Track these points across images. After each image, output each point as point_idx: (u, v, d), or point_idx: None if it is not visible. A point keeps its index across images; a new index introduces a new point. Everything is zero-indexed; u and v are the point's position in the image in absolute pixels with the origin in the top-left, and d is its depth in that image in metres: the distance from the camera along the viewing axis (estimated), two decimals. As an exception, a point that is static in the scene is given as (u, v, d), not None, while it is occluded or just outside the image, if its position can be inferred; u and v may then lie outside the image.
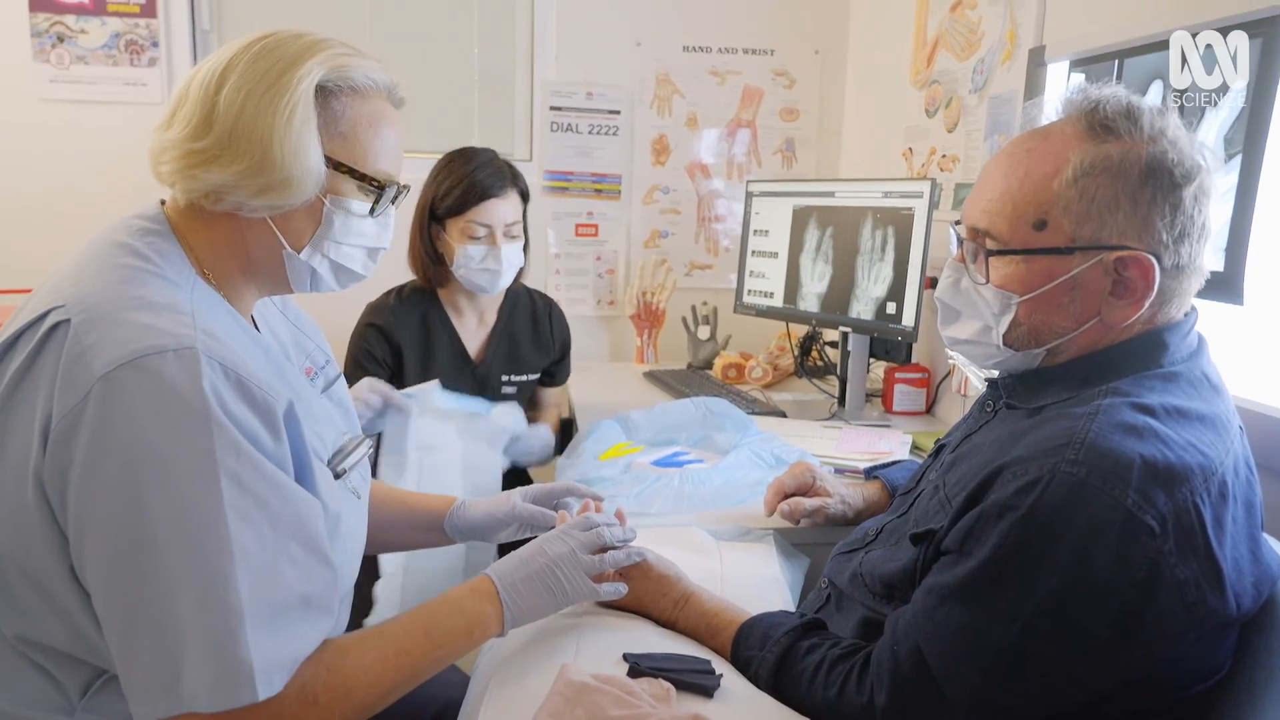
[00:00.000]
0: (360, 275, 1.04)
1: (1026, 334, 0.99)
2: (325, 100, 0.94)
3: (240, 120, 0.90)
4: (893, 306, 2.07)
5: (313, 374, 1.11)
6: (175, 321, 0.85)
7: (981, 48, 2.12)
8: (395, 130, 1.00)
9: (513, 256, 1.95)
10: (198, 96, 0.91)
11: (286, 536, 0.85)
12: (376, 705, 0.92)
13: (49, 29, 2.54)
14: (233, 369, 0.84)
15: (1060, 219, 0.94)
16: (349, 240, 1.00)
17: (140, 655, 0.80)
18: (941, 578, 0.91)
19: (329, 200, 0.96)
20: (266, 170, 0.90)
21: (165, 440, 0.80)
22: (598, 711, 0.86)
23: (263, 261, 0.98)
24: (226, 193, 0.91)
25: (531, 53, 2.81)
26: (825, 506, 1.41)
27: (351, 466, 1.04)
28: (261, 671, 0.81)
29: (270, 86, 0.90)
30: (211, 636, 0.79)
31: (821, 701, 0.96)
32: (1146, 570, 0.81)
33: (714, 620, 1.09)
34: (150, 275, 0.90)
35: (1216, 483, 0.86)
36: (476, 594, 1.01)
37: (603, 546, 1.09)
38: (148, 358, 0.81)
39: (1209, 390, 0.95)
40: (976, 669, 0.86)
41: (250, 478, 0.83)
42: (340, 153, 0.95)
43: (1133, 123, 0.93)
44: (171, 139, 0.92)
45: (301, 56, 0.92)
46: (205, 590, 0.79)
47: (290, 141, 0.90)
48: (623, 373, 2.71)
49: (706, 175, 2.94)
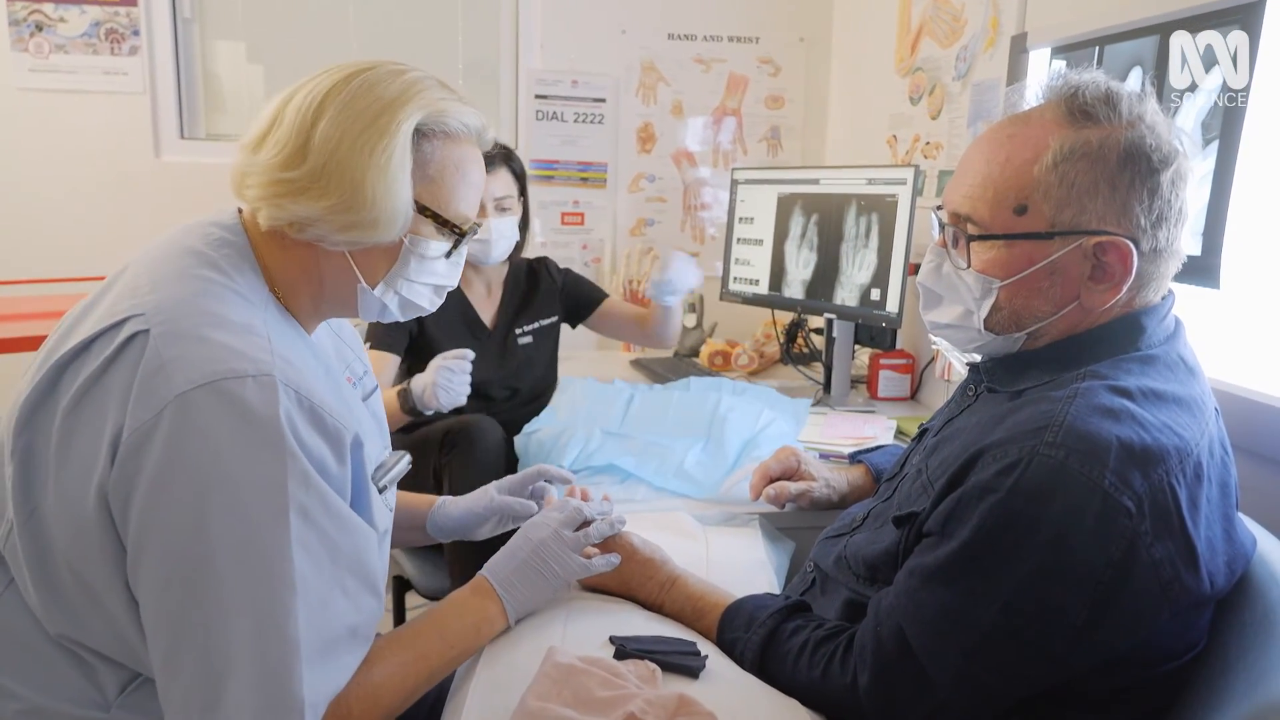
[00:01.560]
0: (426, 310, 1.04)
1: (1007, 318, 1.00)
2: (418, 143, 0.93)
3: (335, 156, 0.89)
4: (877, 293, 2.08)
5: (352, 384, 1.11)
6: (255, 345, 0.85)
7: (964, 35, 2.13)
8: (480, 173, 1.00)
9: (504, 229, 1.97)
10: (293, 124, 0.90)
11: (343, 569, 0.86)
12: (400, 708, 0.94)
13: (27, 17, 2.52)
14: (307, 397, 0.84)
15: (1040, 204, 0.95)
16: (421, 279, 1.00)
17: (183, 672, 0.80)
18: (923, 559, 0.93)
19: (409, 240, 0.96)
20: (356, 209, 0.90)
21: (238, 466, 0.79)
22: (584, 693, 0.87)
23: (335, 292, 0.98)
24: (310, 225, 0.91)
25: (516, 41, 2.81)
26: (810, 490, 1.42)
27: (392, 481, 1.05)
28: (310, 705, 0.81)
29: (368, 127, 0.89)
30: (265, 667, 0.79)
31: (806, 682, 0.97)
32: (1123, 550, 0.83)
33: (700, 603, 1.10)
34: (228, 291, 0.90)
35: (1191, 464, 0.87)
36: (478, 593, 1.03)
37: (583, 521, 1.11)
38: (228, 381, 0.80)
39: (1185, 373, 0.96)
40: (958, 649, 0.87)
41: (317, 510, 0.83)
42: (425, 196, 0.95)
43: (1111, 108, 0.94)
44: (261, 163, 0.90)
45: (401, 98, 0.91)
46: (264, 620, 0.79)
47: (385, 184, 0.90)
48: (609, 361, 2.72)
49: (692, 163, 2.94)
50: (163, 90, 2.63)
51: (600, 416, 1.90)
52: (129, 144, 2.61)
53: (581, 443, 1.70)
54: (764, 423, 1.80)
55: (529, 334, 2.15)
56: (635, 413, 1.92)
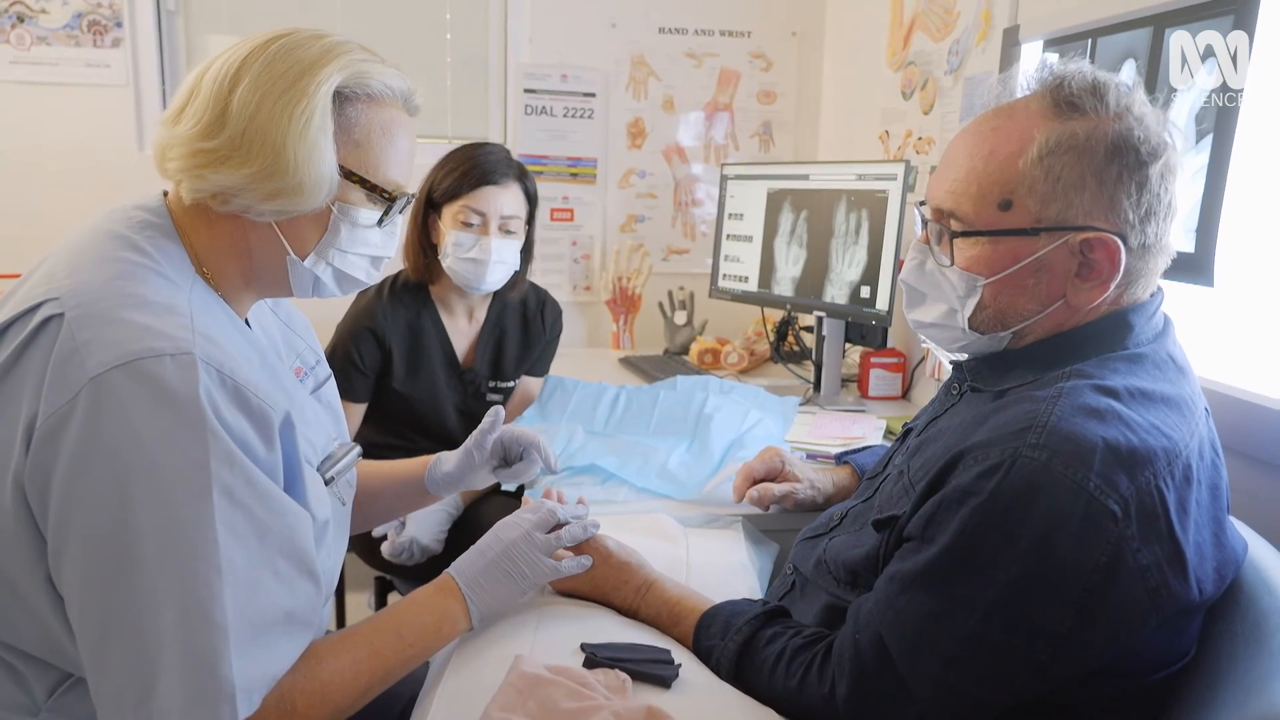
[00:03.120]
0: (362, 283, 1.02)
1: (992, 317, 0.97)
2: (340, 107, 0.91)
3: (255, 122, 0.87)
4: (867, 290, 2.05)
5: (302, 374, 1.09)
6: (174, 324, 0.82)
7: (957, 28, 2.10)
8: (409, 139, 0.98)
9: (504, 252, 1.87)
10: (210, 93, 0.88)
11: (274, 551, 0.84)
12: (352, 708, 0.91)
13: (9, 8, 2.48)
14: (230, 376, 0.82)
15: (1025, 199, 0.92)
16: (354, 249, 0.97)
17: (113, 666, 0.78)
18: (903, 565, 0.90)
19: (337, 208, 0.94)
20: (278, 175, 0.87)
21: (158, 448, 0.77)
22: (549, 704, 0.84)
23: (265, 266, 0.95)
24: (234, 195, 0.89)
25: (505, 35, 2.77)
26: (794, 492, 1.39)
27: (340, 474, 1.03)
28: (242, 690, 0.79)
29: (287, 90, 0.87)
30: (192, 653, 0.77)
31: (783, 691, 0.95)
32: (1108, 555, 0.80)
33: (676, 609, 1.07)
34: (149, 272, 0.87)
35: (1180, 465, 0.85)
36: (441, 592, 1.01)
37: (556, 523, 1.08)
38: (144, 361, 0.78)
39: (1174, 372, 0.93)
40: (938, 657, 0.85)
41: (242, 490, 0.81)
42: (352, 161, 0.93)
43: (1099, 99, 0.91)
44: (180, 135, 0.88)
45: (320, 60, 0.89)
46: (189, 605, 0.77)
47: (305, 148, 0.88)
48: (599, 359, 2.69)
49: (684, 159, 2.91)
50: (146, 83, 2.59)
51: (585, 416, 1.87)
52: (112, 137, 2.57)
53: (563, 442, 1.67)
54: (750, 423, 1.77)
55: (500, 392, 2.03)
56: (620, 412, 1.89)
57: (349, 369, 1.86)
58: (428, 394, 1.93)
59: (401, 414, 1.94)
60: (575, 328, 2.90)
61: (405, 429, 1.96)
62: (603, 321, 2.91)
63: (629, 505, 1.50)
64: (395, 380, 1.89)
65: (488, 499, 1.85)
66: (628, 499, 1.53)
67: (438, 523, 1.74)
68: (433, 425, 1.95)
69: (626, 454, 1.65)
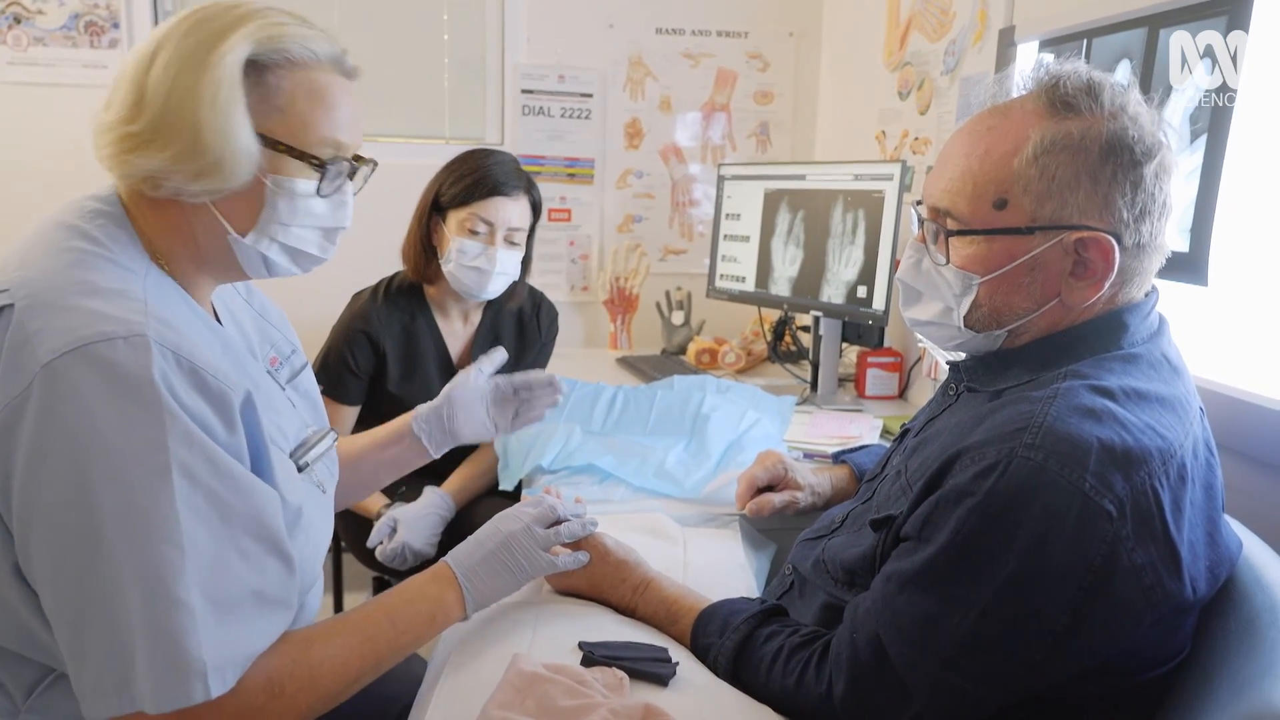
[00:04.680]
0: (318, 258, 0.99)
1: (987, 315, 0.97)
2: (260, 75, 0.89)
3: (169, 101, 0.85)
4: (864, 290, 2.06)
5: (278, 364, 1.09)
6: (126, 308, 0.81)
7: (953, 29, 2.10)
8: (346, 102, 0.94)
9: (507, 263, 1.86)
10: (130, 76, 0.87)
11: (238, 530, 0.83)
12: (343, 694, 0.91)
13: (5, 9, 2.48)
14: (186, 357, 0.81)
15: (1020, 198, 0.92)
16: (298, 222, 0.94)
17: (91, 653, 0.78)
18: (900, 565, 0.90)
19: (270, 181, 0.91)
20: (199, 154, 0.85)
21: (114, 430, 0.76)
22: (547, 702, 0.84)
23: (211, 248, 0.93)
24: (163, 178, 0.87)
25: (502, 35, 2.77)
26: (796, 501, 1.39)
27: (315, 459, 1.02)
28: (214, 668, 0.78)
29: (195, 66, 0.85)
30: (159, 632, 0.77)
31: (780, 690, 0.95)
32: (1103, 555, 0.80)
33: (673, 607, 1.08)
34: (101, 260, 0.86)
35: (1175, 465, 0.85)
36: (437, 580, 1.00)
37: (556, 520, 1.08)
38: (96, 345, 0.77)
39: (1169, 372, 0.94)
40: (935, 656, 0.85)
41: (202, 470, 0.80)
42: (279, 130, 0.90)
43: (1093, 99, 0.91)
44: (107, 122, 0.88)
45: (228, 30, 0.87)
46: (154, 585, 0.77)
47: (218, 122, 0.85)
48: (596, 359, 2.69)
49: (681, 159, 2.91)
50: (143, 84, 2.60)
51: (582, 416, 1.87)
52: (109, 138, 2.58)
53: (561, 442, 1.68)
54: (748, 424, 1.77)
55: None
56: (618, 412, 1.89)
57: (343, 371, 1.86)
58: (422, 397, 1.91)
59: (395, 416, 1.93)
60: (572, 328, 2.91)
61: None
62: (600, 321, 2.92)
63: (626, 504, 1.51)
64: (389, 383, 1.89)
65: (482, 501, 1.85)
66: (625, 498, 1.53)
67: (429, 527, 1.73)
68: None
69: (624, 453, 1.65)
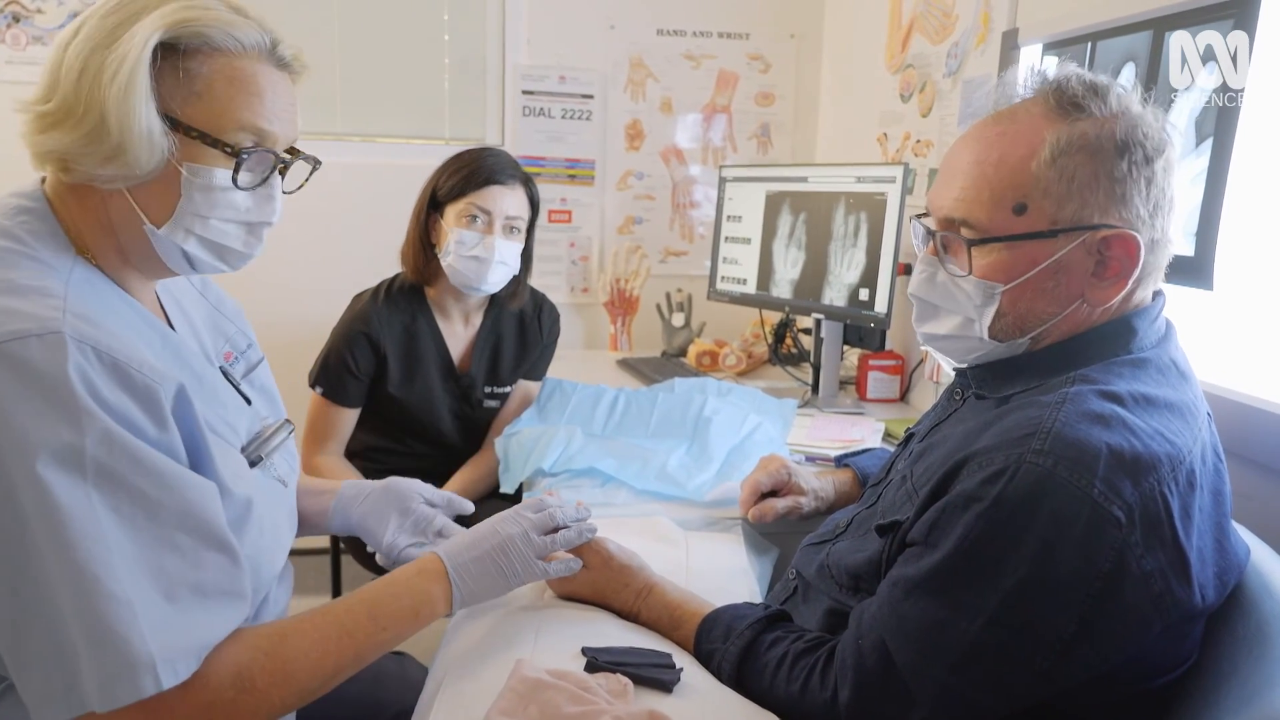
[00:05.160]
0: (246, 254, 0.96)
1: (1011, 323, 0.96)
2: (178, 59, 0.86)
3: (80, 80, 0.83)
4: (865, 293, 2.05)
5: (233, 358, 1.07)
6: (42, 305, 0.80)
7: (955, 31, 2.10)
8: (275, 92, 0.91)
9: (506, 253, 1.85)
10: (52, 56, 0.86)
11: (169, 527, 0.81)
12: (319, 689, 0.89)
13: (4, 8, 2.48)
14: (108, 353, 0.80)
15: (1041, 201, 0.91)
16: (216, 215, 0.91)
17: (33, 659, 0.76)
18: (907, 570, 0.90)
19: (186, 169, 0.88)
20: (105, 136, 0.83)
21: (31, 431, 0.75)
22: (551, 709, 0.83)
23: (130, 239, 0.91)
24: (72, 161, 0.85)
25: (503, 36, 2.77)
26: (799, 506, 1.38)
27: (271, 451, 1.01)
28: (164, 660, 0.77)
29: (105, 47, 0.83)
30: (99, 630, 0.75)
31: (785, 696, 0.94)
32: (1112, 562, 0.80)
33: (677, 612, 1.07)
34: (20, 257, 0.85)
35: (1184, 471, 0.84)
36: (424, 574, 0.99)
37: (554, 527, 1.07)
38: (9, 344, 0.76)
39: (1177, 377, 0.93)
40: (941, 663, 0.84)
41: (125, 468, 0.78)
42: (196, 116, 0.87)
43: (1100, 99, 0.91)
44: (25, 101, 0.86)
45: (145, 10, 0.85)
46: (86, 584, 0.75)
47: (120, 104, 0.83)
48: (597, 360, 2.69)
49: (682, 160, 2.91)
50: (142, 83, 2.59)
51: (583, 419, 1.86)
52: (108, 138, 2.57)
53: (562, 445, 1.67)
54: (749, 428, 1.76)
55: (497, 398, 2.02)
56: (619, 415, 1.88)
57: (343, 373, 1.85)
58: (423, 399, 1.93)
59: (396, 418, 1.93)
60: (573, 329, 2.90)
61: (400, 433, 1.95)
62: (600, 323, 2.91)
63: (628, 508, 1.50)
64: (390, 384, 1.89)
65: (483, 504, 1.83)
66: (627, 501, 1.52)
67: None
68: (428, 430, 1.95)
69: (625, 456, 1.65)
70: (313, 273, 2.62)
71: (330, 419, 1.87)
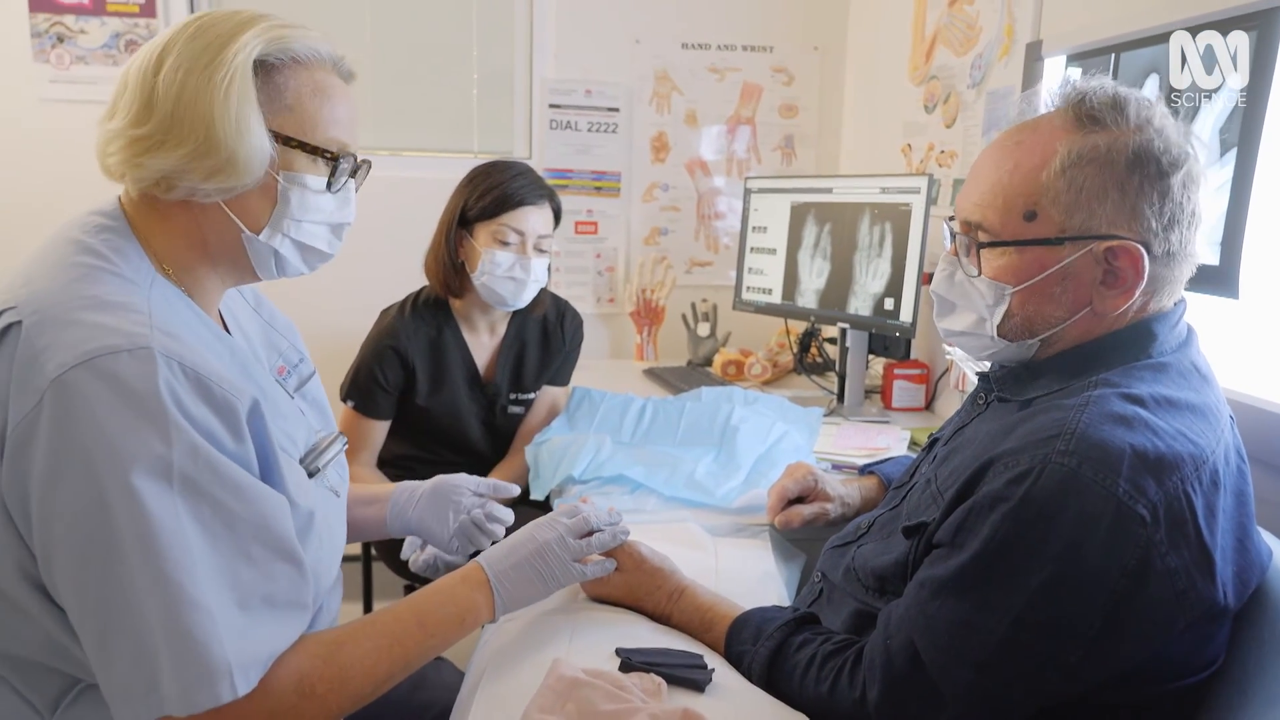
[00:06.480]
0: (326, 254, 1.02)
1: (1020, 325, 0.99)
2: (268, 75, 0.92)
3: (180, 101, 0.88)
4: (890, 302, 2.07)
5: (285, 372, 1.11)
6: (130, 320, 0.83)
7: (979, 43, 2.12)
8: (346, 103, 0.98)
9: (539, 270, 1.90)
10: (136, 81, 0.89)
11: (245, 537, 0.85)
12: (372, 694, 0.92)
13: (49, 29, 2.55)
14: (191, 367, 0.83)
15: (1049, 209, 0.94)
16: (308, 217, 0.97)
17: (118, 661, 0.79)
18: (934, 571, 0.91)
19: (283, 177, 0.94)
20: (213, 151, 0.88)
21: (123, 442, 0.78)
22: (588, 706, 0.86)
23: (222, 249, 0.95)
24: (177, 179, 0.89)
25: (530, 51, 2.81)
26: (826, 512, 1.39)
27: (326, 464, 1.04)
28: (239, 667, 0.80)
29: (207, 64, 0.88)
30: (182, 637, 0.78)
31: (814, 696, 0.96)
32: (1137, 559, 0.82)
33: (708, 615, 1.09)
34: (105, 273, 0.88)
35: (1208, 471, 0.86)
36: (467, 582, 1.02)
37: (589, 530, 1.10)
38: (102, 358, 0.79)
39: (1198, 380, 0.95)
40: (970, 662, 0.86)
41: (208, 480, 0.82)
42: (288, 126, 0.93)
43: (1119, 112, 0.94)
44: (115, 129, 0.89)
45: (237, 31, 0.90)
46: (171, 591, 0.78)
47: (231, 119, 0.88)
48: (623, 370, 2.71)
49: (706, 172, 2.94)
50: (180, 101, 2.65)
51: (612, 427, 1.89)
52: (147, 154, 2.63)
53: (592, 452, 1.70)
54: (776, 436, 1.78)
55: (521, 404, 2.06)
56: (647, 423, 1.91)
57: (373, 387, 1.89)
58: (450, 408, 1.97)
59: (425, 428, 1.97)
60: (599, 339, 2.93)
61: (429, 442, 2.00)
62: (626, 333, 2.94)
63: (657, 515, 1.52)
64: (419, 396, 1.93)
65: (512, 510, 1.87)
66: (656, 508, 1.54)
67: None
68: (456, 438, 1.99)
69: (654, 464, 1.67)
70: (343, 287, 2.66)
71: (361, 431, 1.91)
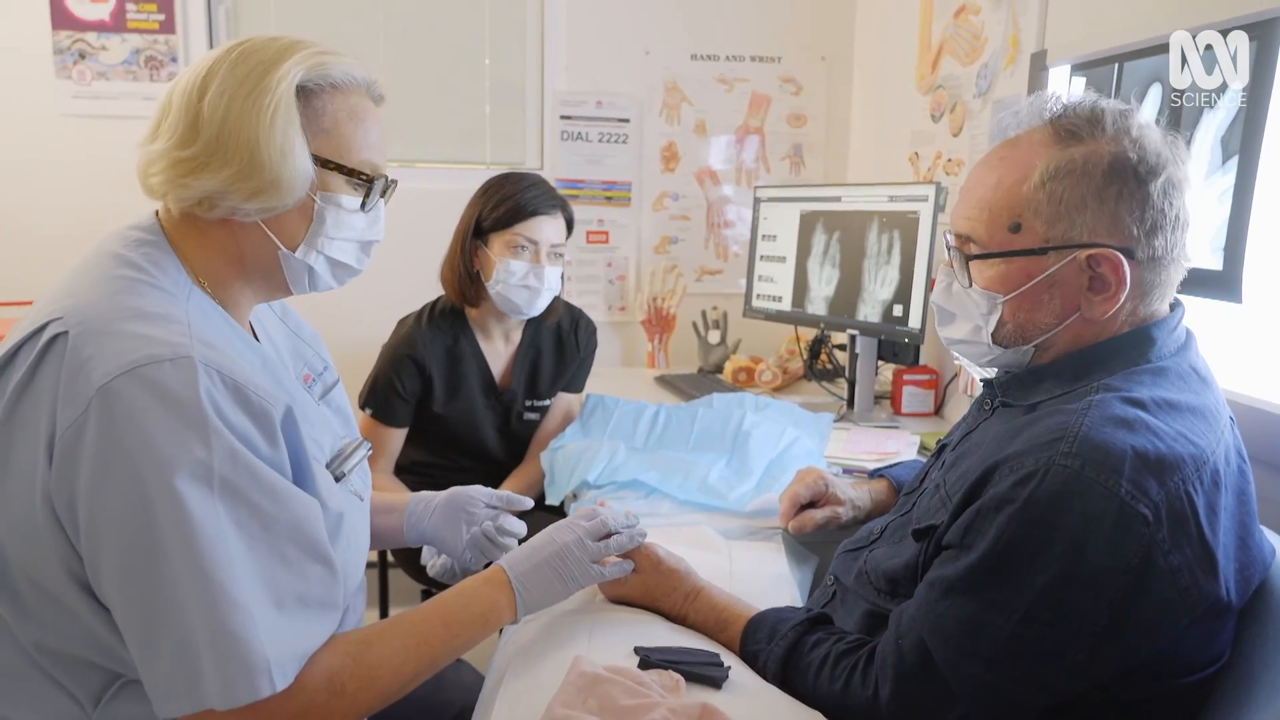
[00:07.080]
0: (356, 270, 1.06)
1: (1013, 332, 1.03)
2: (308, 100, 0.96)
3: (225, 125, 0.91)
4: (899, 309, 2.09)
5: (310, 380, 1.14)
6: (172, 331, 0.86)
7: (985, 53, 2.14)
8: (378, 126, 1.02)
9: (553, 279, 1.94)
10: (181, 105, 0.93)
11: (282, 539, 0.88)
12: (399, 692, 0.95)
13: (70, 46, 2.60)
14: (230, 376, 0.86)
15: (1032, 221, 0.99)
16: (341, 235, 1.01)
17: (161, 657, 0.82)
18: (943, 571, 0.94)
19: (320, 197, 0.98)
20: (256, 173, 0.92)
21: (166, 448, 0.81)
22: (609, 701, 0.89)
23: (258, 265, 0.99)
24: (219, 199, 0.93)
25: (542, 63, 2.85)
26: (837, 516, 1.42)
27: (351, 469, 1.07)
28: (276, 665, 0.83)
29: (252, 90, 0.92)
30: (223, 634, 0.81)
31: (827, 694, 0.99)
32: (1140, 557, 0.84)
33: (723, 615, 1.12)
34: (146, 286, 0.92)
35: (1209, 471, 0.89)
36: (490, 584, 1.05)
37: (607, 533, 1.13)
38: (146, 367, 0.82)
39: (1198, 382, 0.98)
40: (979, 659, 0.88)
41: (246, 484, 0.85)
42: (326, 149, 0.97)
43: (1095, 125, 0.98)
44: (158, 150, 0.93)
45: (280, 58, 0.94)
46: (213, 591, 0.81)
47: (276, 142, 0.92)
48: (635, 377, 2.74)
49: (716, 181, 2.97)
50: (199, 115, 2.70)
51: (626, 433, 1.92)
52: (166, 168, 2.68)
53: (606, 458, 1.73)
54: (787, 441, 1.81)
55: (537, 411, 2.09)
56: (660, 429, 1.94)
57: (391, 396, 1.93)
58: (467, 416, 2.00)
59: (442, 435, 2.01)
60: (611, 347, 2.96)
61: (446, 449, 2.03)
62: (638, 341, 2.97)
63: (672, 518, 1.55)
64: (435, 404, 1.96)
65: (528, 516, 1.90)
66: (670, 512, 1.57)
67: None
68: (472, 445, 2.02)
69: (667, 469, 1.70)
70: (360, 297, 2.69)
71: (379, 438, 1.94)
